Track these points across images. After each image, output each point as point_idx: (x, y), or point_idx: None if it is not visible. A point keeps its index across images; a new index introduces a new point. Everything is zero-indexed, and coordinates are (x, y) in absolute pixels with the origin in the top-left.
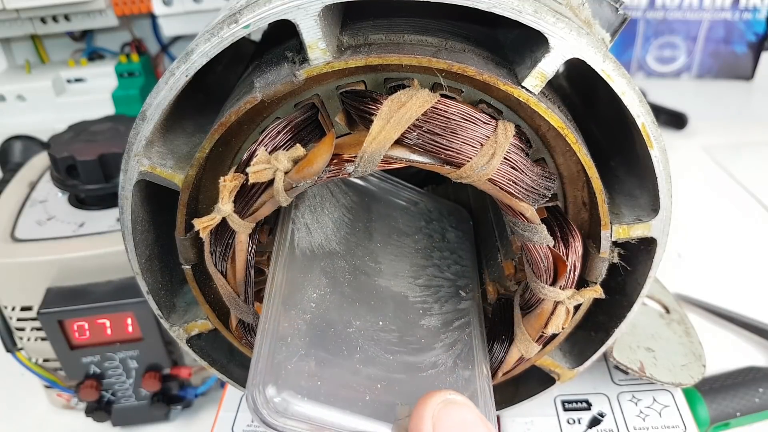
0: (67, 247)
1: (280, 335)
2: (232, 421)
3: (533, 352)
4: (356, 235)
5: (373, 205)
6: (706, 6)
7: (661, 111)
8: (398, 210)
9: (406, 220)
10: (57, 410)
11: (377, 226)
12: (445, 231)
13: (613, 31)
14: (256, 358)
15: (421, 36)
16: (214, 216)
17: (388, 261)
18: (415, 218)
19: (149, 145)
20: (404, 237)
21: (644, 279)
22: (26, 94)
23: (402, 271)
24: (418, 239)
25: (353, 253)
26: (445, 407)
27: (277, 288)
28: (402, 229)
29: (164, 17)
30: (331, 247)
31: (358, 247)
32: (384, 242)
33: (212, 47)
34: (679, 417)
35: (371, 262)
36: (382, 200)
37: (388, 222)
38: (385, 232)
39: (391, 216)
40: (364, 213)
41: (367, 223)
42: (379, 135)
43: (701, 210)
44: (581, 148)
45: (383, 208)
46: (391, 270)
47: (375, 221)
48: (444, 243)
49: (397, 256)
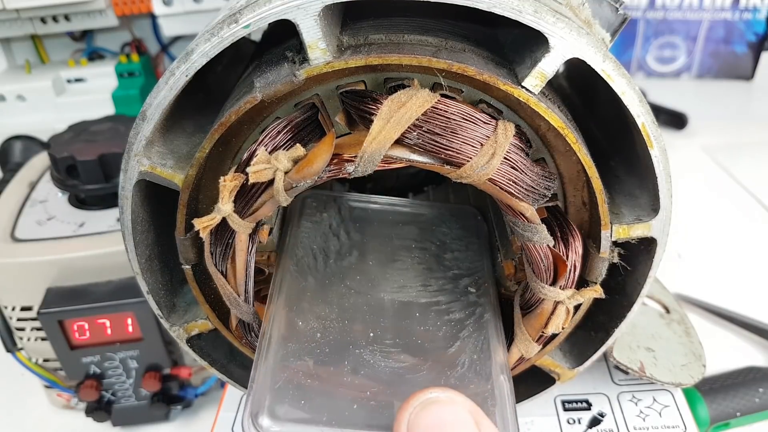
0: (67, 247)
1: (278, 359)
2: (232, 421)
3: (533, 352)
4: (351, 258)
5: (366, 228)
6: (706, 6)
7: (661, 111)
8: (393, 226)
9: (402, 234)
10: (57, 410)
11: (372, 246)
12: (447, 234)
13: (613, 31)
14: (251, 384)
15: (421, 36)
16: (214, 216)
17: (387, 277)
18: (412, 231)
19: (149, 145)
20: (401, 251)
21: (644, 279)
22: (26, 94)
23: (404, 282)
24: (415, 250)
25: (350, 276)
26: (422, 409)
27: (276, 315)
28: (397, 244)
29: (164, 17)
30: (328, 271)
31: (355, 270)
32: (378, 261)
33: (212, 47)
34: (679, 417)
35: (369, 281)
36: (375, 221)
37: (383, 240)
38: (379, 250)
39: (385, 234)
40: (358, 236)
41: (361, 246)
42: (379, 135)
43: (701, 210)
44: (581, 148)
45: (377, 228)
46: (391, 284)
47: (369, 242)
48: (446, 246)
49: (395, 270)
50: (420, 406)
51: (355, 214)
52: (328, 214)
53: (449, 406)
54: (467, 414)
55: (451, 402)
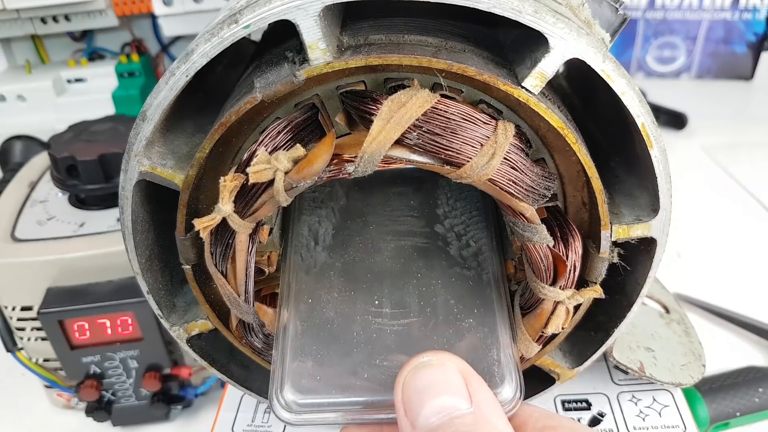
0: (68, 247)
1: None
2: (232, 421)
3: (533, 352)
4: (352, 233)
5: (365, 189)
6: (705, 6)
7: (661, 111)
8: (391, 184)
9: (401, 192)
10: (57, 410)
11: (371, 219)
12: (448, 203)
13: (613, 31)
14: (273, 367)
15: (421, 36)
16: (214, 216)
17: (388, 239)
18: (411, 199)
19: (149, 145)
20: (403, 218)
21: (644, 279)
22: (26, 94)
23: (404, 249)
24: (416, 215)
25: (352, 245)
26: (415, 373)
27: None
28: (398, 212)
29: (164, 17)
30: (331, 248)
31: (357, 238)
32: (380, 230)
33: (212, 47)
34: (679, 417)
35: (371, 246)
36: (375, 192)
37: (382, 211)
38: (379, 213)
39: (384, 193)
40: (357, 209)
41: (361, 218)
42: (379, 135)
43: (701, 210)
44: (581, 148)
45: (377, 197)
46: (392, 246)
47: (369, 214)
48: (450, 211)
49: (397, 234)
50: (413, 369)
51: (352, 194)
52: (323, 204)
53: (439, 368)
54: (457, 374)
55: (441, 364)
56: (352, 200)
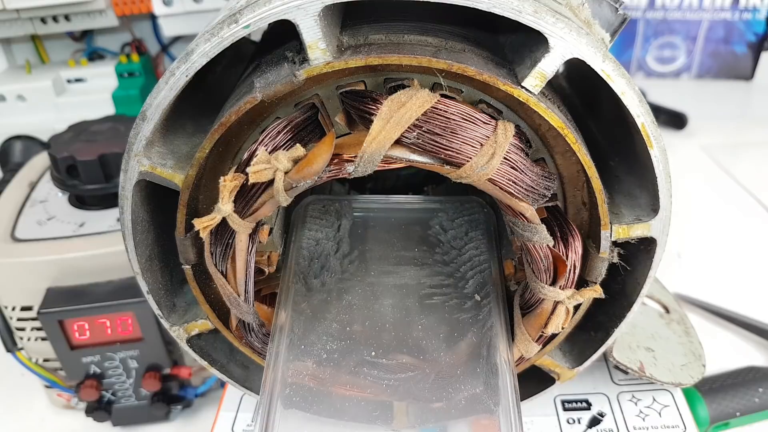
0: (68, 247)
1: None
2: (232, 421)
3: (533, 352)
4: (353, 266)
5: (368, 233)
6: (705, 6)
7: (661, 111)
8: (395, 229)
9: (405, 236)
10: (57, 410)
11: (374, 253)
12: (451, 233)
13: (613, 31)
14: (262, 391)
15: (421, 36)
16: (214, 216)
17: (389, 282)
18: (414, 232)
19: (149, 145)
20: (403, 254)
21: (644, 279)
22: (26, 94)
23: (407, 284)
24: (418, 252)
25: (352, 282)
26: None
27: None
28: (399, 247)
29: (164, 17)
30: (331, 280)
31: (357, 278)
32: (380, 267)
33: (212, 47)
34: (679, 417)
35: (371, 287)
36: (377, 225)
37: (385, 246)
38: (381, 257)
39: (387, 239)
40: (359, 243)
41: (363, 253)
42: (379, 135)
43: (701, 210)
44: (581, 148)
45: (379, 233)
46: (392, 288)
47: (371, 249)
48: (450, 246)
49: (397, 276)
50: None
51: (358, 219)
52: (329, 220)
53: None
54: None
55: None
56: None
